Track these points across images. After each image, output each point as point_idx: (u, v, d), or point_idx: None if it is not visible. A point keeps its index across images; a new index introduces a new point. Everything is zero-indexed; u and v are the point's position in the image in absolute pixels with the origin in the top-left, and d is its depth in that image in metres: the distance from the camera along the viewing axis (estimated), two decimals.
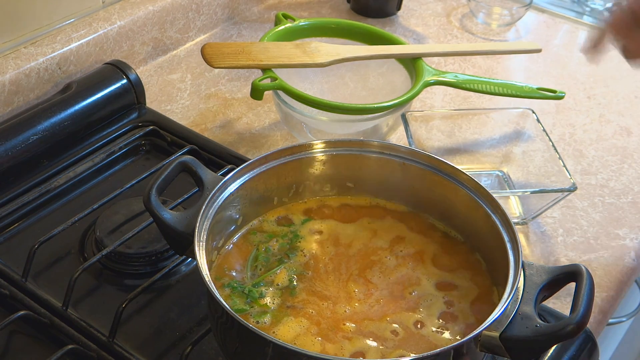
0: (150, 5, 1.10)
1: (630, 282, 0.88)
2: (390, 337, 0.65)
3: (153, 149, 0.97)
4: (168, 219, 0.68)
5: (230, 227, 0.73)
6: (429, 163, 0.74)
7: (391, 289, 0.69)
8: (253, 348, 0.61)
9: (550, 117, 1.08)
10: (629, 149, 1.04)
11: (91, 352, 0.71)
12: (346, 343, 0.64)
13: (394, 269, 0.71)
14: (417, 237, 0.75)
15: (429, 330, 0.66)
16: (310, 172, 0.76)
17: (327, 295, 0.68)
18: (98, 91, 0.97)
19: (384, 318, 0.66)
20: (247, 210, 0.74)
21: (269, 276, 0.70)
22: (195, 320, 0.75)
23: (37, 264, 0.79)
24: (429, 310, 0.67)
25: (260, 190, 0.74)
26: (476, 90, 0.99)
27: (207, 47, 0.95)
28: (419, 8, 1.33)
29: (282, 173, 0.75)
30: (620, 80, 1.18)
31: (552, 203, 0.87)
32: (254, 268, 0.71)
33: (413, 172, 0.75)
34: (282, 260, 0.71)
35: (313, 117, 0.94)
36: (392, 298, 0.68)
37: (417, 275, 0.71)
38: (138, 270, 0.80)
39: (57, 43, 1.00)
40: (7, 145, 0.88)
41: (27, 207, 0.87)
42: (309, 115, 0.94)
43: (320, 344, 0.64)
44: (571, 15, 1.34)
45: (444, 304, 0.68)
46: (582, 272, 0.63)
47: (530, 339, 0.61)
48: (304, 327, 0.65)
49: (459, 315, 0.67)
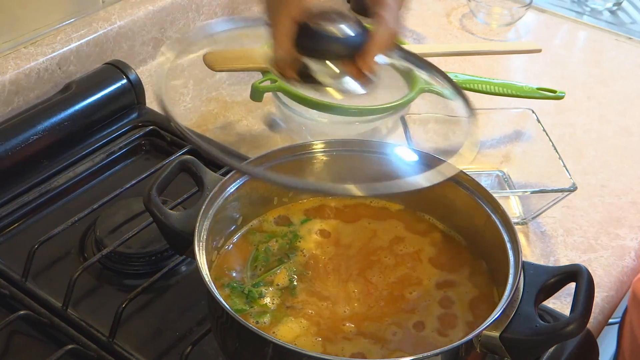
0: (150, 5, 1.10)
1: (630, 282, 0.88)
2: (390, 338, 0.65)
3: (153, 149, 0.97)
4: (168, 219, 0.68)
5: (230, 227, 0.73)
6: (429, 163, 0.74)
7: (391, 289, 0.69)
8: (253, 348, 0.61)
9: (550, 117, 1.08)
10: (629, 149, 1.04)
11: (91, 352, 0.71)
12: (346, 343, 0.64)
13: (393, 269, 0.71)
14: (417, 238, 0.75)
15: (428, 331, 0.66)
16: (310, 172, 0.76)
17: (327, 295, 0.68)
18: (98, 91, 0.97)
19: (383, 318, 0.66)
20: (247, 210, 0.74)
21: (269, 276, 0.70)
22: (195, 320, 0.75)
23: (37, 264, 0.79)
24: (428, 310, 0.67)
25: (260, 190, 0.74)
26: (476, 90, 0.99)
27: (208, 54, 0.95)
28: (419, 8, 1.32)
29: (282, 173, 0.75)
30: (620, 80, 1.18)
31: (552, 203, 0.87)
32: (253, 268, 0.71)
33: None
34: (281, 261, 0.71)
35: (313, 119, 0.94)
36: (392, 298, 0.68)
37: (417, 276, 0.71)
38: (138, 270, 0.80)
39: (57, 43, 1.00)
40: (7, 145, 0.88)
41: (27, 207, 0.87)
42: (309, 117, 0.94)
43: (320, 344, 0.64)
44: (571, 15, 1.34)
45: (444, 304, 0.68)
46: (582, 272, 0.63)
47: (530, 339, 0.61)
48: (304, 328, 0.65)
49: (459, 316, 0.67)
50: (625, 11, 1.39)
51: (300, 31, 0.62)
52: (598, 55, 1.24)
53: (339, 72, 0.63)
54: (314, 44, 0.62)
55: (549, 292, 0.66)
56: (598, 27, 1.31)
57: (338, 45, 0.62)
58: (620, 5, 1.40)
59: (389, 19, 0.62)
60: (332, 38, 0.62)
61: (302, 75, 0.63)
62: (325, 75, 0.63)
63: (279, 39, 0.62)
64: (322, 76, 0.63)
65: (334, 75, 0.63)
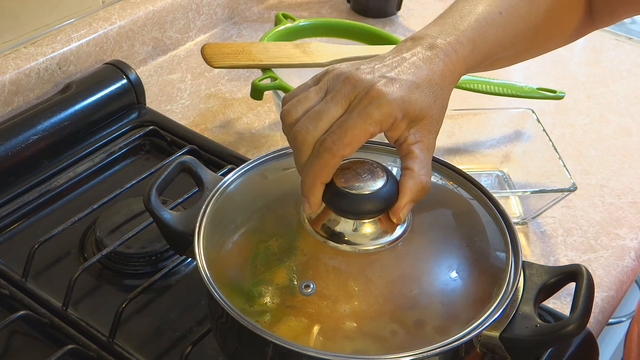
0: (150, 5, 1.10)
1: (630, 282, 0.88)
2: (390, 336, 0.64)
3: (153, 149, 0.97)
4: (168, 219, 0.68)
5: (230, 227, 0.73)
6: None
7: (391, 288, 0.69)
8: (253, 348, 0.61)
9: (550, 117, 1.08)
10: (629, 149, 1.04)
11: (91, 352, 0.71)
12: (346, 342, 0.64)
13: (394, 267, 0.71)
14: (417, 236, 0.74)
15: (428, 330, 0.65)
16: None
17: (327, 294, 0.68)
18: (98, 91, 0.97)
19: (384, 317, 0.66)
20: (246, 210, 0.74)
21: (269, 276, 0.69)
22: (195, 320, 0.75)
23: (37, 264, 0.79)
24: (429, 309, 0.67)
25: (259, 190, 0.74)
26: (476, 90, 0.99)
27: (207, 47, 0.95)
28: (419, 8, 1.33)
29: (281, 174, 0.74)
30: (620, 80, 1.18)
31: (552, 203, 0.87)
32: (253, 267, 0.70)
33: None
34: (281, 260, 0.71)
35: None
36: (393, 297, 0.68)
37: (418, 274, 0.70)
38: (138, 270, 0.80)
39: (57, 43, 1.00)
40: (7, 145, 0.88)
41: (27, 207, 0.87)
42: None
43: (321, 343, 0.63)
44: None
45: (444, 303, 0.68)
46: (582, 272, 0.63)
47: (530, 339, 0.61)
48: (304, 327, 0.65)
49: (459, 315, 0.67)
50: None
51: (330, 191, 0.63)
52: (598, 55, 1.24)
53: (369, 230, 0.65)
54: (346, 205, 0.63)
55: (549, 292, 0.66)
56: None
57: (369, 204, 0.63)
58: None
59: (419, 172, 0.63)
60: (362, 197, 0.62)
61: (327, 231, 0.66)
62: (352, 231, 0.65)
63: (311, 201, 0.63)
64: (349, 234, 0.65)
65: (361, 230, 0.65)
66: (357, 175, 0.64)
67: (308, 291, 0.63)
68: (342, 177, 0.63)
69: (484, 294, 0.64)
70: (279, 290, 0.68)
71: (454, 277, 0.68)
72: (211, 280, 0.63)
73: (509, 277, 0.64)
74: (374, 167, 0.64)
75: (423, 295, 0.67)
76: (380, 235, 0.65)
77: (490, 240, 0.68)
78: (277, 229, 0.75)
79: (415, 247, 0.68)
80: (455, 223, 0.70)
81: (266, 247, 0.72)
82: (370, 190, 0.62)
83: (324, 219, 0.66)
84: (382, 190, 0.63)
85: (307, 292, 0.63)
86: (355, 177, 0.63)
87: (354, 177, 0.63)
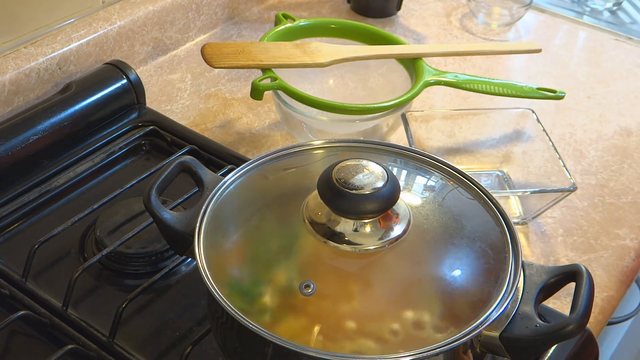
0: (150, 5, 1.10)
1: (630, 282, 0.88)
2: (390, 336, 0.64)
3: (153, 149, 0.97)
4: (168, 219, 0.68)
5: (230, 227, 0.73)
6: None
7: (391, 288, 0.69)
8: (253, 348, 0.61)
9: (550, 117, 1.08)
10: (629, 149, 1.04)
11: (91, 352, 0.71)
12: (346, 343, 0.64)
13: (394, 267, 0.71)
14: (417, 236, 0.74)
15: (428, 330, 0.65)
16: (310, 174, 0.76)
17: (327, 294, 0.68)
18: (98, 91, 0.97)
19: (384, 317, 0.66)
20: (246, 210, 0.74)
21: (269, 276, 0.69)
22: (195, 320, 0.75)
23: (37, 264, 0.79)
24: (429, 309, 0.67)
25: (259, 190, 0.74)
26: (476, 90, 0.99)
27: (207, 47, 0.94)
28: (419, 8, 1.33)
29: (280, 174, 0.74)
30: (620, 80, 1.18)
31: (552, 203, 0.87)
32: (253, 268, 0.70)
33: None
34: (282, 260, 0.71)
35: (313, 117, 0.94)
36: (392, 297, 0.68)
37: (418, 274, 0.70)
38: (138, 270, 0.80)
39: (57, 43, 1.00)
40: (7, 145, 0.88)
41: (27, 207, 0.87)
42: (309, 115, 0.94)
43: (321, 343, 0.63)
44: (571, 15, 1.34)
45: (445, 303, 0.68)
46: (582, 272, 0.63)
47: (530, 339, 0.61)
48: (304, 327, 0.65)
49: (459, 315, 0.67)
50: (625, 11, 1.39)
51: (330, 191, 0.63)
52: (598, 55, 1.24)
53: (370, 230, 0.65)
54: (346, 205, 0.63)
55: (549, 292, 0.66)
56: (598, 27, 1.31)
57: (370, 204, 0.63)
58: (620, 5, 1.40)
59: None
60: (362, 197, 0.62)
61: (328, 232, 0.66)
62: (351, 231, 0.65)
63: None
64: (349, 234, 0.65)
65: (361, 230, 0.65)
66: (357, 175, 0.64)
67: (308, 291, 0.63)
68: (342, 177, 0.63)
69: (484, 294, 0.64)
70: (279, 290, 0.68)
71: (453, 277, 0.68)
72: (211, 280, 0.63)
73: (509, 277, 0.64)
74: (374, 167, 0.64)
75: (423, 295, 0.67)
76: (380, 236, 0.65)
77: (490, 240, 0.68)
78: (277, 229, 0.75)
79: (415, 247, 0.68)
80: (455, 223, 0.70)
81: (266, 247, 0.72)
82: (370, 190, 0.63)
83: (324, 219, 0.66)
84: (382, 190, 0.63)
85: (307, 292, 0.63)
86: (355, 177, 0.63)
87: (354, 177, 0.63)
